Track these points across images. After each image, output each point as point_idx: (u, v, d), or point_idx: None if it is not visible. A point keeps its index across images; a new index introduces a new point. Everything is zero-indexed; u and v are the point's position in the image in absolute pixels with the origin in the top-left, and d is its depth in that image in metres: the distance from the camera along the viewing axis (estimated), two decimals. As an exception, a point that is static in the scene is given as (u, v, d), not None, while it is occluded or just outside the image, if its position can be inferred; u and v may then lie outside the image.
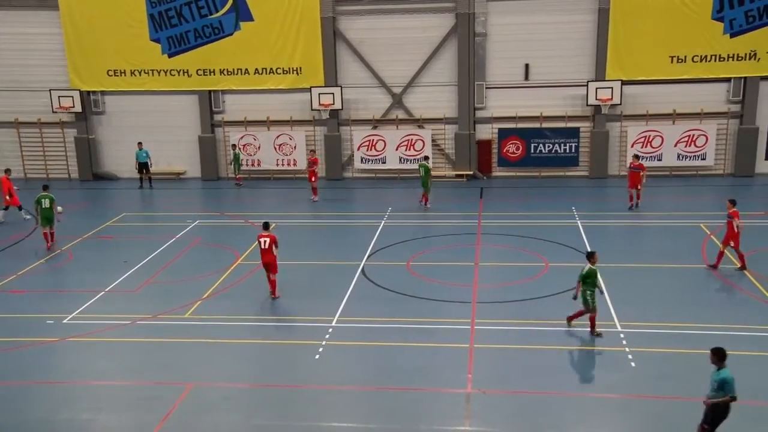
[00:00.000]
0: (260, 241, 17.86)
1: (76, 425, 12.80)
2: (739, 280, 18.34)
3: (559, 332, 15.76)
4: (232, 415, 13.02)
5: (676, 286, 18.18)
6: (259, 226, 18.70)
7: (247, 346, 15.82)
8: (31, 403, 13.58)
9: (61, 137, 32.37)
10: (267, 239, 17.72)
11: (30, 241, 23.68)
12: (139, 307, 17.88)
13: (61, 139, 32.40)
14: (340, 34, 30.04)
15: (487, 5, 29.03)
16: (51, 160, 32.63)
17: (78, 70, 31.21)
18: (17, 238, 23.89)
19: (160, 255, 21.73)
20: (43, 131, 32.33)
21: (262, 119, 31.21)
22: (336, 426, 12.70)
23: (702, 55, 28.23)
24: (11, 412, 13.24)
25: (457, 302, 17.44)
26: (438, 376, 14.09)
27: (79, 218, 26.15)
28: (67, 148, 32.43)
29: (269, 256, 17.69)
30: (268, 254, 17.69)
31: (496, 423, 12.55)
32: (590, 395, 13.28)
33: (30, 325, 17.01)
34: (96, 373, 14.87)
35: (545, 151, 29.98)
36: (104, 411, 13.40)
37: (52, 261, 21.73)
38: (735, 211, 18.68)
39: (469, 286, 18.49)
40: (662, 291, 17.80)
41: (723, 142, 29.09)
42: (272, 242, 17.74)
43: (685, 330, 15.61)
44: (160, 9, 30.20)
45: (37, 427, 12.61)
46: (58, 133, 32.33)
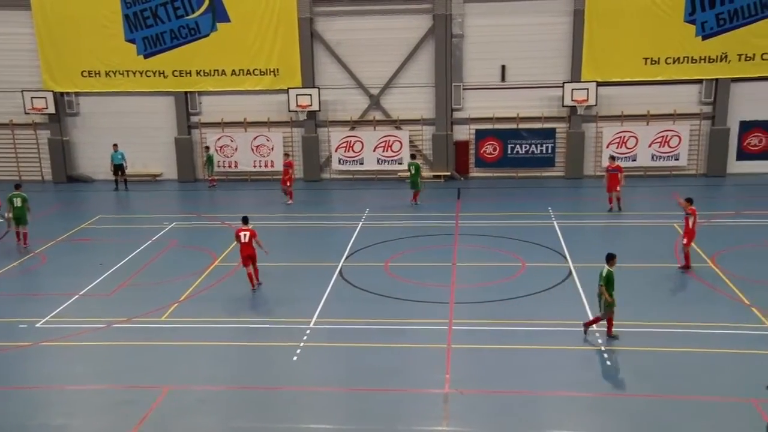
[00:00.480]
0: (240, 235, 18.39)
1: (50, 431, 12.63)
2: (712, 278, 18.53)
3: (536, 332, 15.84)
4: (209, 418, 12.93)
5: (650, 285, 18.34)
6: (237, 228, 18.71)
7: (225, 348, 15.72)
8: (4, 409, 13.38)
9: (34, 139, 31.98)
10: (247, 233, 18.31)
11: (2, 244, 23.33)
12: (115, 310, 17.69)
13: (34, 141, 32.01)
14: (317, 35, 29.98)
15: (464, 7, 29.14)
16: (23, 162, 32.20)
17: (51, 71, 30.85)
18: (-10, 241, 23.56)
19: (137, 257, 21.53)
20: (16, 133, 31.92)
21: (239, 121, 31.07)
22: (314, 428, 12.66)
23: (675, 57, 28.56)
24: (-17, 418, 13.07)
25: (435, 303, 17.46)
26: (416, 376, 14.10)
27: (53, 221, 25.89)
28: (40, 150, 32.05)
29: (250, 249, 18.25)
30: (248, 247, 18.24)
31: (474, 423, 12.58)
32: (567, 394, 13.34)
33: (2, 329, 16.74)
34: (70, 377, 14.67)
35: (522, 152, 30.15)
36: (78, 416, 13.24)
37: (26, 264, 21.45)
38: (693, 209, 18.90)
39: (447, 286, 18.53)
40: (636, 290, 17.90)
41: (696, 142, 29.45)
42: (252, 236, 18.30)
43: (659, 329, 15.75)
44: (135, 9, 29.93)
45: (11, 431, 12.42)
46: (31, 134, 31.93)
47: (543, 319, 16.43)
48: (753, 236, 21.31)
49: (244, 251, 18.31)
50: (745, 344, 15.00)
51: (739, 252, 20.18)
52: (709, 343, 15.08)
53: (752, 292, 17.54)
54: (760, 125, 29.07)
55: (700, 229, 22.36)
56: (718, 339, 15.24)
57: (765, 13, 27.60)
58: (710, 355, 14.64)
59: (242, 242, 18.25)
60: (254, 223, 23.62)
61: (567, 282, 18.68)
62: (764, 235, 21.27)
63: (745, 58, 28.24)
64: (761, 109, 28.85)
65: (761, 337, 15.32)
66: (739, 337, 15.33)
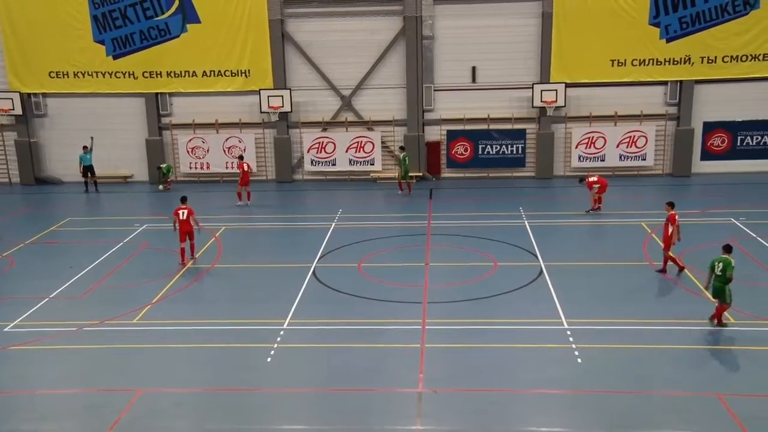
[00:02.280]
0: (179, 212, 20.43)
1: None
2: (679, 277, 18.81)
3: (508, 330, 15.94)
4: (184, 421, 12.85)
5: (620, 283, 18.52)
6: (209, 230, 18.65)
7: (198, 350, 15.61)
8: (-28, 415, 13.17)
9: (0, 140, 31.38)
10: (185, 210, 20.42)
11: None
12: (86, 313, 17.46)
13: (0, 143, 31.42)
14: (288, 36, 29.89)
15: (434, 9, 29.27)
16: (-9, 163, 31.70)
17: (17, 72, 30.36)
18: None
19: (107, 260, 21.29)
20: (-19, 134, 31.40)
21: (211, 122, 30.87)
22: (289, 429, 12.64)
23: (640, 59, 28.96)
24: (-48, 425, 12.85)
25: (408, 303, 17.50)
26: (390, 376, 14.12)
27: (21, 224, 25.53)
28: (7, 152, 31.52)
29: (188, 225, 20.40)
30: (186, 224, 20.38)
31: (447, 421, 12.64)
32: (539, 391, 13.47)
33: (-30, 333, 16.48)
34: (40, 381, 14.44)
35: (493, 153, 30.35)
36: (50, 420, 13.03)
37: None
38: (673, 214, 18.87)
39: (420, 286, 18.59)
40: (606, 288, 18.14)
41: (662, 143, 29.90)
42: (189, 213, 20.44)
43: (628, 326, 15.95)
44: (103, 10, 29.56)
45: (-21, 439, 12.24)
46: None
47: (515, 317, 16.55)
48: (717, 235, 21.66)
49: (183, 227, 20.31)
50: (709, 340, 15.30)
51: (705, 250, 20.45)
52: (677, 340, 15.33)
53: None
54: (722, 126, 29.59)
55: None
56: (685, 335, 15.50)
57: (725, 17, 28.13)
58: (677, 351, 14.89)
59: (181, 219, 20.27)
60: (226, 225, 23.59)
61: (538, 281, 18.82)
62: (728, 234, 21.65)
63: (708, 60, 28.72)
64: (723, 110, 29.36)
65: (724, 333, 15.60)
66: (703, 333, 15.60)
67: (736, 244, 20.22)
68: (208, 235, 22.73)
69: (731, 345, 15.13)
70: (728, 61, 28.66)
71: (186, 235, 20.45)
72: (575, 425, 12.43)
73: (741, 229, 22.35)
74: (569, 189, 26.30)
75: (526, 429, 12.39)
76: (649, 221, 23.43)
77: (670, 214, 18.85)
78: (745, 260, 19.66)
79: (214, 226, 23.89)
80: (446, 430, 12.42)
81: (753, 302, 16.59)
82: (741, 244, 20.69)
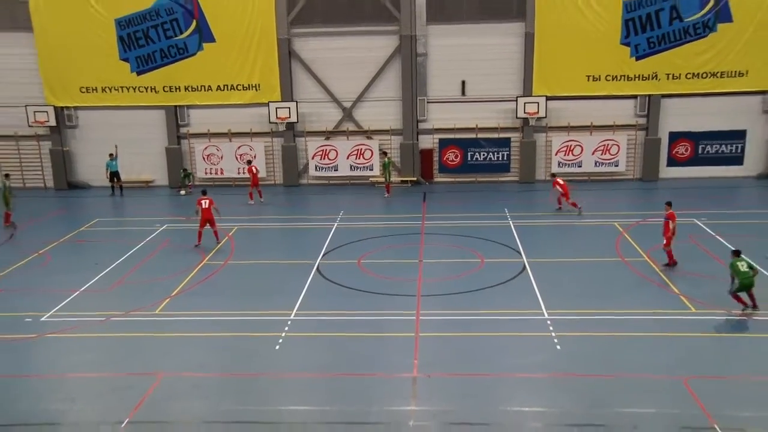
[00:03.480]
0: (201, 202, 21.66)
1: (55, 414, 12.48)
2: (646, 270, 18.86)
3: (495, 320, 15.97)
4: (200, 402, 12.86)
5: (595, 277, 18.57)
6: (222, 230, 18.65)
7: (213, 338, 15.63)
8: (12, 396, 13.20)
9: (36, 149, 31.42)
10: (207, 200, 21.72)
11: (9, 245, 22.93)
12: (113, 304, 17.48)
13: (36, 151, 31.45)
14: (294, 53, 29.90)
15: (427, 28, 29.29)
16: (27, 170, 31.59)
17: (52, 88, 30.35)
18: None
19: (132, 257, 21.30)
20: (20, 144, 31.32)
21: (225, 132, 30.85)
22: (295, 410, 12.64)
23: (613, 75, 29.01)
24: (-8, 405, 12.88)
25: (404, 296, 17.52)
26: (387, 362, 14.14)
27: (55, 224, 25.53)
28: (42, 159, 31.50)
29: (209, 213, 21.61)
30: (208, 212, 21.62)
31: (439, 403, 12.67)
32: (522, 375, 13.51)
33: (9, 322, 16.50)
34: (72, 366, 14.48)
35: (480, 159, 30.38)
36: (80, 401, 13.06)
37: (31, 263, 21.06)
38: (672, 213, 18.95)
39: (414, 280, 18.59)
40: (583, 282, 18.18)
41: (632, 150, 29.94)
42: (211, 203, 21.67)
43: (603, 316, 16.00)
44: (128, 31, 29.60)
45: (16, 417, 12.24)
46: (34, 145, 31.36)
47: (501, 309, 16.59)
48: (683, 233, 21.73)
49: (205, 215, 21.53)
50: (675, 328, 15.35)
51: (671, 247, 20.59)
52: (645, 328, 15.38)
53: (681, 282, 17.93)
54: (686, 136, 29.63)
55: (638, 227, 22.89)
56: (652, 324, 15.56)
57: (687, 38, 28.23)
58: (645, 338, 14.94)
59: (203, 208, 21.52)
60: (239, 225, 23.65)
61: (522, 275, 18.84)
62: (690, 232, 21.73)
63: (672, 77, 28.80)
64: (687, 122, 29.39)
65: (688, 322, 15.68)
66: (670, 321, 15.67)
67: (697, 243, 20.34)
68: (222, 234, 22.75)
69: (693, 332, 15.17)
70: (691, 78, 28.74)
71: (206, 222, 21.64)
72: (555, 406, 12.46)
73: (703, 229, 22.40)
74: (550, 192, 26.33)
75: (511, 409, 12.42)
76: (622, 221, 23.49)
77: (669, 213, 18.93)
78: (705, 257, 19.77)
79: (228, 226, 23.90)
80: (438, 410, 12.44)
81: (713, 294, 16.65)
82: (702, 243, 20.77)
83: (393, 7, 29.05)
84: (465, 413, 12.29)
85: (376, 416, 12.23)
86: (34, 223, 25.42)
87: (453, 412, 12.35)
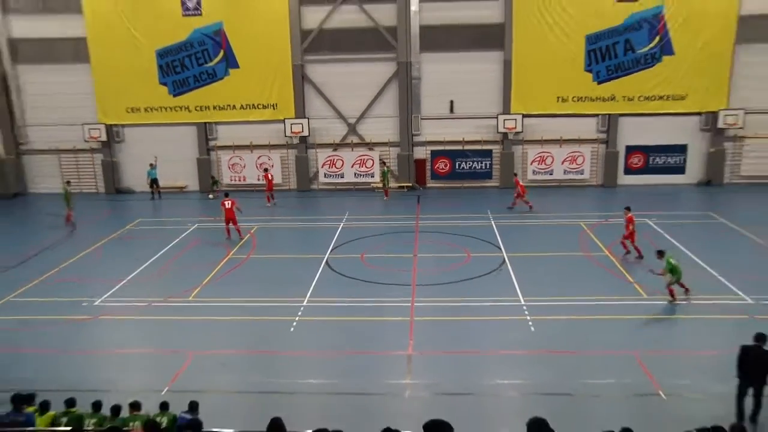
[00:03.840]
0: (225, 203, 21.97)
1: (107, 383, 12.64)
2: (607, 263, 18.90)
3: (478, 306, 16.04)
4: (227, 376, 12.97)
5: (564, 269, 18.59)
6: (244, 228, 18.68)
7: (238, 321, 15.72)
8: (72, 367, 13.41)
9: (91, 160, 31.42)
10: (229, 201, 21.96)
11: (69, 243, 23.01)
12: (153, 292, 17.58)
13: (90, 162, 31.46)
14: (307, 77, 29.93)
15: (420, 56, 29.31)
16: (83, 178, 31.55)
17: (104, 108, 30.41)
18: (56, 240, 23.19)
19: (168, 251, 21.36)
20: (78, 156, 31.38)
21: (247, 144, 30.86)
22: (308, 382, 12.72)
23: (579, 96, 28.99)
24: (55, 374, 13.08)
25: (401, 285, 17.57)
26: (386, 342, 14.23)
27: (105, 223, 25.58)
28: (95, 169, 31.52)
29: (231, 213, 21.88)
30: (230, 212, 21.88)
31: (431, 376, 12.76)
32: (501, 352, 13.60)
33: (70, 306, 16.65)
34: (120, 343, 14.64)
35: (466, 168, 30.37)
36: (127, 372, 13.23)
37: (86, 256, 21.13)
38: (630, 216, 19.01)
39: (410, 272, 18.62)
40: (553, 273, 18.20)
41: (595, 161, 29.91)
42: (233, 204, 21.89)
43: (569, 302, 16.08)
44: (167, 60, 29.65)
45: (75, 385, 12.28)
46: (89, 157, 31.36)
47: (483, 296, 16.64)
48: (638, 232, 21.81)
49: (228, 215, 21.82)
50: (629, 311, 15.44)
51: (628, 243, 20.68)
52: (604, 311, 15.46)
53: (635, 272, 18.01)
54: (639, 149, 29.53)
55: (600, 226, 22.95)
56: (610, 308, 15.63)
57: (639, 67, 28.26)
58: (604, 320, 15.03)
59: (226, 208, 21.81)
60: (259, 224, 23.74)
61: (502, 268, 18.89)
62: (644, 230, 21.80)
63: (628, 99, 28.77)
64: (640, 137, 29.23)
65: (640, 306, 15.80)
66: (625, 306, 15.77)
67: (649, 239, 20.42)
68: (244, 232, 22.82)
69: (645, 315, 15.28)
70: (642, 100, 28.76)
71: (229, 220, 21.89)
72: (529, 378, 12.57)
73: (653, 228, 22.47)
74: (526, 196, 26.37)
75: (491, 382, 12.52)
76: (587, 221, 23.53)
77: (628, 216, 18.99)
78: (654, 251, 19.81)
79: (249, 225, 23.94)
80: (430, 383, 12.53)
81: (661, 282, 16.71)
82: (654, 239, 20.85)
83: (391, 38, 29.09)
84: (453, 385, 12.39)
85: (377, 388, 12.33)
86: (88, 222, 25.48)
87: (442, 384, 12.45)
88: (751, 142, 28.65)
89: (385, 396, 12.09)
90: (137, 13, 29.30)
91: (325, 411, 11.68)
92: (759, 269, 17.94)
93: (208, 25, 29.35)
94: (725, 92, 28.16)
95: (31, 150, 31.45)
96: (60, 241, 23.07)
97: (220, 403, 11.73)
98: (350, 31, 29.20)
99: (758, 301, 15.71)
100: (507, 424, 11.23)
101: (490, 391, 12.18)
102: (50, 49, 30.19)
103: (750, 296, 16.02)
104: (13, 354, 14.16)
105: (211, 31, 29.41)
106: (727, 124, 28.18)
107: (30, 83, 30.70)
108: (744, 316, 14.80)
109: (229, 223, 22.03)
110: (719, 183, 29.01)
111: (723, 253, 19.34)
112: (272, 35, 29.27)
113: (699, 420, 10.34)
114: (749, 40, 27.55)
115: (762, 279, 17.13)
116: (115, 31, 29.40)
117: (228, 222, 22.02)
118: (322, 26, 29.26)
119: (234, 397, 12.19)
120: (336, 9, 29.06)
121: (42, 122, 31.03)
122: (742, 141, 28.71)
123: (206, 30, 29.40)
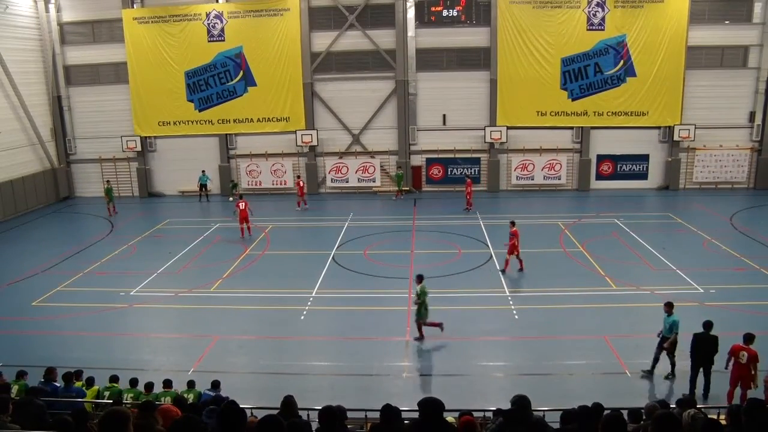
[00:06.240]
0: (240, 204, 22.02)
1: (141, 363, 12.72)
2: (581, 258, 18.87)
3: (468, 297, 16.02)
4: (245, 358, 13.00)
5: (544, 263, 18.55)
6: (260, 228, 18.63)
7: (255, 310, 15.73)
8: (112, 349, 13.48)
9: (127, 168, 31.47)
10: (244, 203, 22.07)
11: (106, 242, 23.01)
12: (180, 283, 17.59)
13: (127, 169, 31.51)
14: (316, 94, 29.92)
15: (416, 75, 29.30)
16: (121, 183, 31.54)
17: (139, 122, 30.49)
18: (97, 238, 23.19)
19: (194, 248, 21.35)
20: (117, 164, 31.46)
21: (262, 153, 30.83)
22: (316, 364, 12.76)
23: (556, 111, 28.99)
24: (98, 354, 13.19)
25: (399, 278, 17.56)
26: (386, 329, 14.23)
27: (139, 222, 25.61)
28: (131, 176, 31.58)
29: (245, 213, 21.92)
30: (244, 212, 21.92)
31: (425, 360, 12.77)
32: (488, 338, 13.60)
33: (109, 296, 16.68)
34: (152, 329, 14.69)
35: (458, 174, 30.29)
36: (159, 354, 13.28)
37: (123, 252, 21.13)
38: (515, 230, 17.51)
39: (407, 267, 18.61)
40: (535, 267, 18.13)
41: (571, 168, 29.87)
42: (246, 205, 21.95)
43: (549, 293, 16.09)
44: (194, 80, 29.78)
45: (114, 364, 12.36)
46: (126, 165, 31.40)
47: (472, 288, 16.64)
48: (607, 230, 21.83)
49: (242, 215, 21.83)
50: (600, 301, 15.44)
51: (599, 241, 20.69)
52: (578, 301, 15.46)
53: (606, 266, 17.98)
54: (608, 157, 29.53)
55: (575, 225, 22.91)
56: (584, 298, 15.64)
57: (607, 86, 28.33)
58: (578, 309, 15.03)
59: (241, 209, 21.86)
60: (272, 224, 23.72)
61: (489, 263, 18.89)
62: (613, 229, 21.80)
63: (598, 114, 28.81)
64: (609, 147, 29.22)
65: (610, 296, 15.78)
66: (597, 296, 15.77)
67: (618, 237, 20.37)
68: (259, 231, 22.80)
69: (613, 303, 15.27)
70: (611, 115, 28.81)
71: (243, 220, 21.92)
72: (512, 360, 12.58)
73: (621, 227, 22.45)
74: (510, 199, 26.38)
75: (478, 363, 12.53)
76: (563, 221, 23.52)
77: (513, 230, 17.45)
78: (623, 248, 19.82)
79: (264, 225, 23.93)
80: (424, 365, 12.55)
81: (628, 275, 16.80)
82: (621, 237, 20.83)
83: (390, 59, 29.09)
84: (445, 367, 12.41)
85: (378, 370, 12.35)
86: (125, 222, 25.52)
87: (435, 366, 12.48)
88: (701, 153, 28.79)
89: (385, 377, 12.10)
90: (170, 40, 29.52)
91: (331, 390, 11.68)
92: (708, 263, 18.03)
93: (230, 49, 29.40)
94: (678, 110, 28.41)
95: (78, 159, 31.57)
96: (101, 238, 23.13)
97: (239, 382, 11.74)
98: (354, 53, 29.24)
99: (707, 290, 15.78)
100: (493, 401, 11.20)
101: (478, 372, 12.19)
102: (96, 73, 30.69)
103: (701, 286, 16.07)
104: (60, 336, 14.24)
105: (233, 54, 29.45)
106: (681, 137, 28.38)
107: (79, 102, 31.05)
108: (695, 303, 14.82)
109: (243, 223, 22.02)
110: (676, 188, 29.07)
111: (679, 249, 19.36)
112: (286, 57, 29.29)
113: (658, 394, 10.39)
114: (696, 67, 28.04)
115: (711, 271, 17.23)
116: (151, 56, 29.62)
117: (242, 222, 22.02)
118: (330, 49, 29.26)
119: (251, 376, 12.22)
120: (342, 34, 29.09)
121: (87, 135, 31.20)
122: (694, 152, 28.85)
123: (228, 53, 29.43)
